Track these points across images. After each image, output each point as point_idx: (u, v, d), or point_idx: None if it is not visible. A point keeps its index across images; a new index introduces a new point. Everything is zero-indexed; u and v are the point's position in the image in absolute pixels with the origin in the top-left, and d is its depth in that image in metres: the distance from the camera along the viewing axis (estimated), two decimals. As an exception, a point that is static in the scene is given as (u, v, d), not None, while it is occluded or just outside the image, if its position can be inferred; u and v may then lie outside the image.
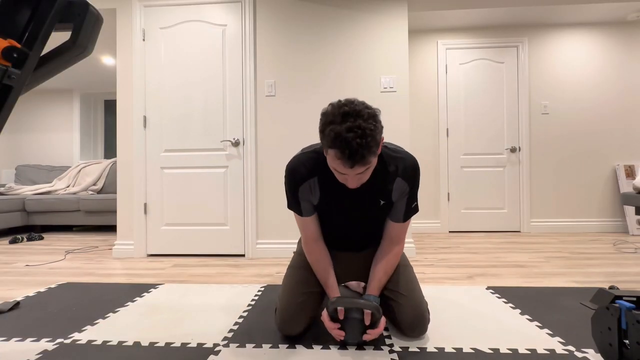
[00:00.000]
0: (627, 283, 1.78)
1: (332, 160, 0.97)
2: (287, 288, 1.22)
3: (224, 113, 2.55)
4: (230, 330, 1.25)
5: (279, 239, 2.51)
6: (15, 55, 0.84)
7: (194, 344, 1.16)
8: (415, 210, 1.17)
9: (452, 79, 3.56)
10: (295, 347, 1.12)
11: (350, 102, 0.97)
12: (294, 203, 1.16)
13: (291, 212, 2.50)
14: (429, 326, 1.25)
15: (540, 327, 1.25)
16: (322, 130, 0.98)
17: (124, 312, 1.45)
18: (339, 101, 0.99)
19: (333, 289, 1.17)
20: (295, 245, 2.46)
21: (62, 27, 0.97)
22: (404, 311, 1.15)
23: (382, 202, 1.14)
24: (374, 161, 0.97)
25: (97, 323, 1.34)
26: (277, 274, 2.05)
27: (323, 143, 1.00)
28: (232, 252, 2.54)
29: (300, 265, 1.27)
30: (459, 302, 1.51)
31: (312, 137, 2.38)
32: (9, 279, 2.02)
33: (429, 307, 1.31)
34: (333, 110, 0.97)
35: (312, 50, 2.53)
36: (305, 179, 1.12)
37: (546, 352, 1.08)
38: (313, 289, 1.21)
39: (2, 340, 1.20)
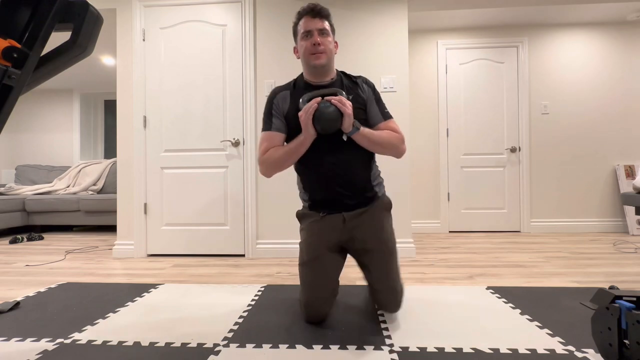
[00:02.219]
0: (627, 283, 1.78)
1: (300, 29, 1.32)
2: (305, 285, 1.31)
3: (224, 113, 2.55)
4: (230, 330, 1.25)
5: (279, 239, 2.51)
6: (15, 55, 0.84)
7: (194, 344, 1.16)
8: (389, 114, 1.38)
9: (452, 79, 3.56)
10: (295, 347, 1.12)
11: None
12: (267, 119, 1.34)
13: (291, 212, 2.50)
14: (429, 326, 1.25)
15: (540, 327, 1.25)
16: (293, 29, 1.38)
17: (124, 312, 1.45)
18: None
19: (299, 135, 1.25)
20: (296, 245, 2.46)
21: (62, 27, 0.97)
22: (379, 295, 1.32)
23: (351, 97, 1.27)
24: (331, 31, 1.34)
25: (97, 323, 1.34)
26: (277, 274, 2.05)
27: (295, 39, 1.38)
28: (232, 252, 2.54)
29: (308, 260, 1.31)
30: (459, 302, 1.51)
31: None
32: (9, 279, 2.02)
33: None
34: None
35: (312, 50, 2.52)
36: (281, 91, 1.37)
37: (546, 352, 1.08)
38: (328, 278, 1.30)
39: (2, 340, 1.20)
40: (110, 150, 5.14)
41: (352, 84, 1.37)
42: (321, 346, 1.13)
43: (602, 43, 3.48)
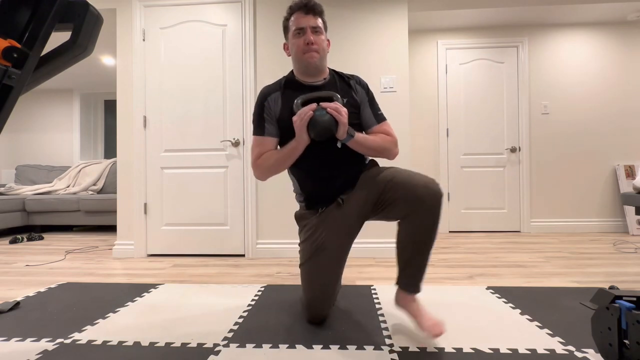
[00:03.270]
0: (627, 283, 1.78)
1: (292, 26, 1.27)
2: (307, 284, 1.29)
3: (223, 113, 2.55)
4: (230, 330, 1.25)
5: (279, 239, 2.51)
6: (15, 55, 0.84)
7: (194, 344, 1.16)
8: (383, 116, 1.34)
9: (452, 79, 3.56)
10: (295, 347, 1.12)
11: None
12: (259, 123, 1.31)
13: (291, 212, 2.50)
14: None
15: (540, 327, 1.25)
16: (284, 24, 1.33)
17: (124, 312, 1.45)
18: None
19: (292, 141, 1.22)
20: (296, 245, 2.46)
21: (62, 27, 0.97)
22: (414, 191, 1.14)
23: (345, 100, 1.25)
24: (323, 28, 1.29)
25: (97, 323, 1.34)
26: (277, 274, 2.05)
27: (286, 36, 1.33)
28: (232, 252, 2.54)
29: (309, 259, 1.28)
30: (459, 302, 1.51)
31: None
32: (9, 279, 2.02)
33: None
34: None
35: (312, 50, 2.52)
36: (271, 93, 1.32)
37: (546, 352, 1.08)
38: (330, 277, 1.27)
39: (2, 340, 1.20)
40: (110, 150, 5.14)
41: (345, 86, 1.34)
42: (321, 346, 1.13)
43: (602, 43, 3.48)
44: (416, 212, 1.13)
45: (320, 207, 1.31)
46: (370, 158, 1.37)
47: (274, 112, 1.30)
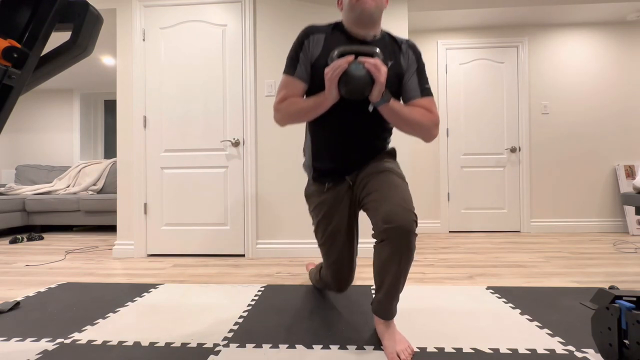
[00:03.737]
0: (627, 283, 1.78)
1: None
2: (326, 260, 1.37)
3: (223, 113, 2.55)
4: (230, 330, 1.25)
5: (279, 239, 2.51)
6: (15, 55, 0.84)
7: (194, 344, 1.16)
8: (429, 91, 1.18)
9: (452, 79, 3.56)
10: (295, 347, 1.12)
11: None
12: (291, 62, 1.19)
13: (290, 212, 2.50)
14: (429, 326, 1.25)
15: (540, 327, 1.25)
16: None
17: (124, 312, 1.45)
18: None
19: (321, 94, 1.11)
20: (296, 245, 2.46)
21: (62, 27, 0.97)
22: (384, 208, 1.04)
23: (389, 63, 1.13)
24: None
25: (97, 323, 1.34)
26: (277, 274, 2.05)
27: None
28: (232, 252, 2.54)
29: (323, 244, 1.35)
30: (459, 302, 1.51)
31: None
32: (9, 279, 2.02)
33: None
34: None
35: (312, 50, 2.52)
36: (315, 33, 1.19)
37: (546, 352, 1.08)
38: (344, 253, 1.31)
39: (2, 340, 1.20)
40: (110, 150, 5.14)
41: (396, 47, 1.20)
42: (321, 346, 1.13)
43: (602, 43, 3.48)
44: (383, 243, 1.04)
45: (327, 182, 1.26)
46: (392, 146, 1.29)
47: (311, 54, 1.18)
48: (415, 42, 3.43)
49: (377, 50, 1.09)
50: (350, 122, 1.17)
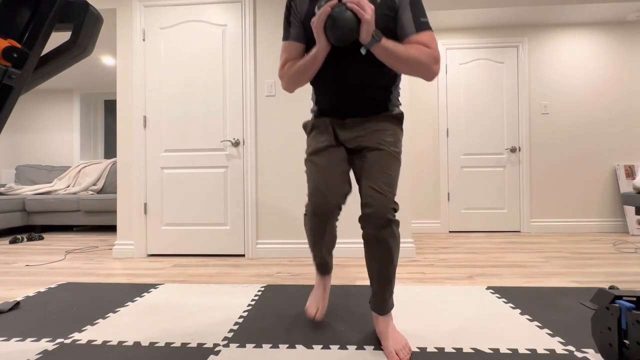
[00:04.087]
0: (627, 283, 1.78)
1: None
2: (312, 174, 1.17)
3: (224, 113, 2.55)
4: (230, 330, 1.25)
5: (279, 239, 2.51)
6: (15, 55, 0.84)
7: (194, 344, 1.16)
8: (426, 25, 1.08)
9: (452, 79, 3.56)
10: (295, 347, 1.12)
11: None
12: (286, 25, 1.19)
13: (291, 212, 2.50)
14: (429, 326, 1.25)
15: (540, 327, 1.25)
16: None
17: (124, 312, 1.45)
18: None
19: (313, 48, 1.07)
20: (296, 245, 2.47)
21: (62, 27, 0.97)
22: (366, 193, 1.09)
23: (379, 0, 1.07)
24: None
25: (97, 323, 1.34)
26: (277, 274, 2.05)
27: None
28: (232, 252, 2.54)
29: (314, 151, 1.20)
30: (459, 302, 1.51)
31: (312, 137, 2.37)
32: (9, 279, 2.02)
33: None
34: None
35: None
36: None
37: (546, 352, 1.08)
38: (336, 167, 1.16)
39: (2, 340, 1.20)
40: (110, 150, 5.14)
41: None
42: (321, 346, 1.13)
43: (602, 43, 3.48)
44: (364, 233, 1.09)
45: (329, 118, 1.21)
46: (396, 105, 1.23)
47: (300, 13, 1.15)
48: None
49: None
50: (346, 69, 1.11)
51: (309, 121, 1.28)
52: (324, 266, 1.33)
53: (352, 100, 1.16)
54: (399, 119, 1.21)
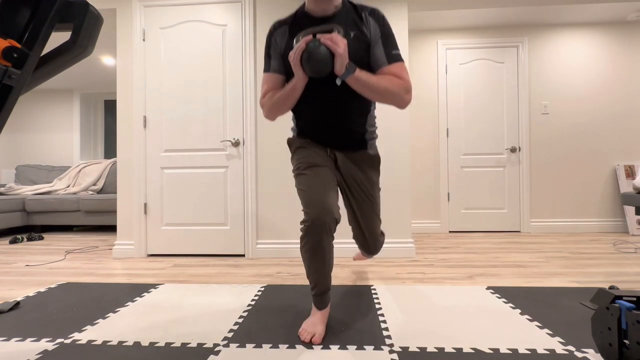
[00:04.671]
0: (627, 283, 1.78)
1: None
2: (305, 187, 1.19)
3: (224, 113, 2.55)
4: (230, 330, 1.25)
5: (279, 239, 2.51)
6: (15, 55, 0.84)
7: (194, 344, 1.16)
8: (397, 57, 1.17)
9: (452, 79, 3.56)
10: (295, 347, 1.12)
11: None
12: (266, 58, 1.27)
13: (290, 212, 2.50)
14: (429, 326, 1.25)
15: (540, 327, 1.25)
16: None
17: (124, 312, 1.45)
18: None
19: (292, 79, 1.16)
20: (296, 245, 2.46)
21: (62, 27, 0.97)
22: (363, 241, 1.45)
23: (352, 34, 1.16)
24: None
25: (97, 323, 1.34)
26: (277, 274, 2.05)
27: None
28: (232, 252, 2.54)
29: (305, 168, 1.24)
30: (459, 302, 1.51)
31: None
32: (9, 279, 2.02)
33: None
34: None
35: (312, 50, 2.52)
36: (278, 27, 1.26)
37: (546, 352, 1.08)
38: (328, 180, 1.21)
39: (2, 340, 1.20)
40: (110, 150, 5.14)
41: (357, 17, 1.19)
42: (321, 346, 1.13)
43: (602, 43, 3.48)
44: (360, 244, 1.51)
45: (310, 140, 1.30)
46: (372, 131, 1.31)
47: (279, 47, 1.24)
48: (414, 46, 3.36)
49: (336, 26, 1.15)
50: (324, 99, 1.19)
51: (295, 138, 1.35)
52: (322, 296, 1.23)
53: (332, 125, 1.24)
54: (377, 165, 1.37)
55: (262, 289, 1.73)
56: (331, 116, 1.22)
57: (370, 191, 1.34)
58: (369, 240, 1.44)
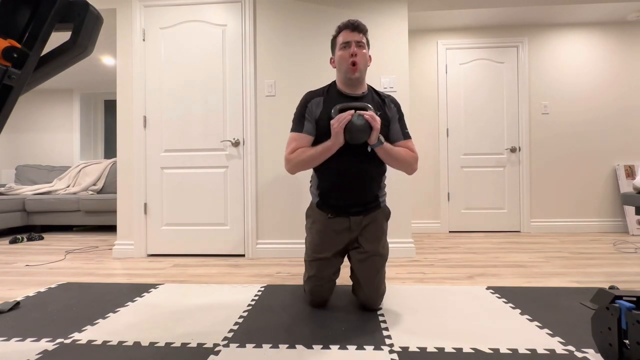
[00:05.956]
0: (627, 283, 1.78)
1: (340, 40, 1.44)
2: (310, 278, 1.46)
3: (224, 113, 2.55)
4: (230, 330, 1.25)
5: (279, 239, 2.51)
6: (15, 55, 0.84)
7: (194, 344, 1.16)
8: (409, 135, 1.53)
9: (452, 79, 3.56)
10: (295, 347, 1.12)
11: None
12: (299, 121, 1.45)
13: (291, 213, 2.50)
14: (429, 326, 1.25)
15: (540, 327, 1.25)
16: (332, 41, 1.51)
17: (124, 312, 1.45)
18: None
19: (327, 141, 1.35)
20: (296, 245, 2.46)
21: (62, 27, 0.97)
22: (365, 293, 1.44)
23: (378, 114, 1.38)
24: (366, 44, 1.46)
25: (97, 323, 1.34)
26: (277, 274, 2.05)
27: (333, 51, 1.51)
28: (232, 252, 2.54)
29: (314, 259, 1.45)
30: (459, 302, 1.51)
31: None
32: (9, 279, 2.02)
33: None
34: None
35: (312, 50, 2.53)
36: (315, 97, 1.47)
37: (546, 352, 1.08)
38: (330, 274, 1.45)
39: (2, 340, 1.20)
40: (110, 150, 5.14)
41: (380, 101, 1.49)
42: (321, 346, 1.13)
43: (602, 43, 3.48)
44: (361, 297, 1.48)
45: (330, 212, 1.44)
46: (384, 194, 1.53)
47: (314, 114, 1.43)
48: (414, 46, 3.39)
49: (368, 105, 1.37)
50: (352, 163, 1.38)
51: (314, 209, 1.50)
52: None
53: (352, 185, 1.41)
54: (387, 218, 1.52)
55: (262, 289, 1.73)
56: (353, 177, 1.40)
57: (380, 245, 1.44)
58: (371, 292, 1.43)
